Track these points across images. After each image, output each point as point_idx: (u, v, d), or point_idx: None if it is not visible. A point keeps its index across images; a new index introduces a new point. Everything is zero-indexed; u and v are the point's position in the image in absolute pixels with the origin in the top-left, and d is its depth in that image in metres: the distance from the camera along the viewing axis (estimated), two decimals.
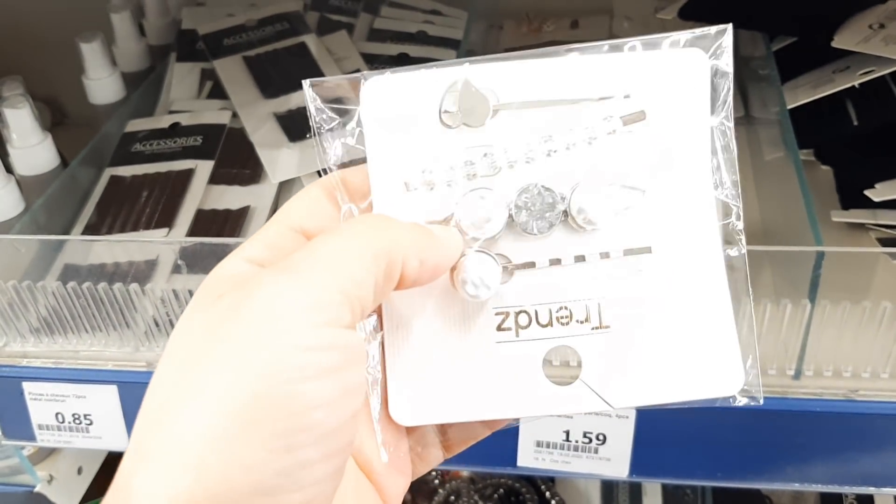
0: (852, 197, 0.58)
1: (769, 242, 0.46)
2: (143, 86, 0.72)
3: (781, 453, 0.49)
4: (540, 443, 0.51)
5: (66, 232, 0.59)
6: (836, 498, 0.73)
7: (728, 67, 0.29)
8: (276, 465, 0.21)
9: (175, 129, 0.65)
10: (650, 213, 0.29)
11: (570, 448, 0.51)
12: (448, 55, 0.72)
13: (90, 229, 0.58)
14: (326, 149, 0.29)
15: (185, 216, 0.58)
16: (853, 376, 0.48)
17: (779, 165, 0.56)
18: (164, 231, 0.57)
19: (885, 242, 0.54)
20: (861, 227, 0.56)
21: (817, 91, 0.60)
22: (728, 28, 0.28)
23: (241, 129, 0.64)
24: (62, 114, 0.86)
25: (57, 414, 0.55)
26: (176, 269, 0.52)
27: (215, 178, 0.61)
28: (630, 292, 0.29)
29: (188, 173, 0.61)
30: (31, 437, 0.56)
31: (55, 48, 0.77)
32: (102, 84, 0.71)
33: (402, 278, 0.26)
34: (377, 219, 0.27)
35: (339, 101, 0.29)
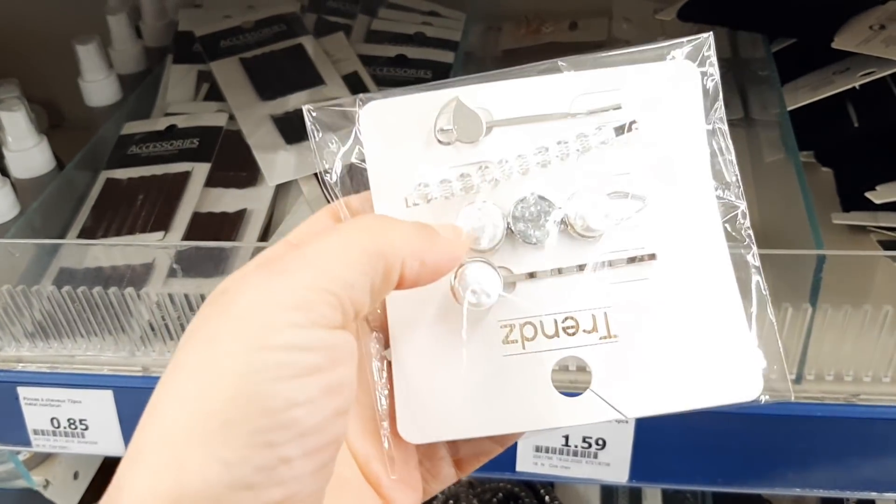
0: (853, 199, 0.57)
1: (769, 245, 0.46)
2: (140, 88, 0.72)
3: (782, 458, 0.49)
4: (539, 448, 0.51)
5: (62, 235, 0.58)
6: (838, 503, 0.73)
7: (714, 72, 0.29)
8: (255, 462, 0.22)
9: (171, 132, 0.65)
10: (652, 219, 0.29)
11: (569, 453, 0.50)
12: (446, 57, 0.72)
13: (86, 232, 0.58)
14: (327, 169, 0.30)
15: (182, 219, 0.57)
16: (855, 380, 0.47)
17: (779, 167, 0.56)
18: (161, 234, 0.56)
19: (885, 245, 0.54)
20: (862, 229, 0.55)
21: (817, 93, 0.60)
22: (709, 35, 0.29)
23: (237, 131, 0.63)
24: (59, 116, 0.86)
25: (52, 419, 0.55)
26: (172, 273, 0.52)
27: (212, 181, 0.60)
28: (637, 300, 0.29)
29: (185, 176, 0.61)
30: (27, 443, 0.56)
31: (52, 50, 0.76)
32: (99, 86, 0.71)
33: (403, 279, 0.26)
34: (374, 219, 0.27)
35: (337, 122, 0.30)
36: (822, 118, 0.61)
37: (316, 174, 0.59)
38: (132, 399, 0.53)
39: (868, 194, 0.55)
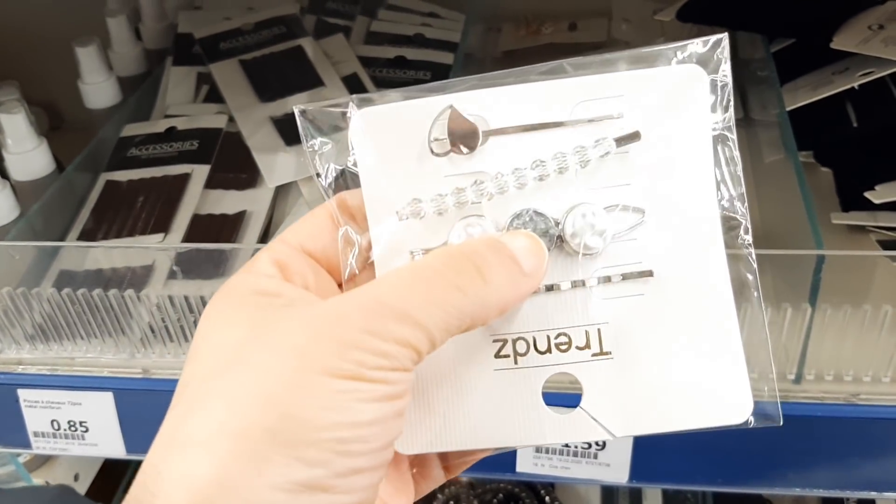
0: (852, 199, 0.57)
1: (769, 245, 0.46)
2: (140, 90, 0.72)
3: (782, 458, 0.49)
4: (539, 448, 0.51)
5: (62, 237, 0.58)
6: (838, 502, 0.73)
7: (727, 78, 0.28)
8: (335, 468, 0.23)
9: (171, 134, 0.65)
10: (651, 235, 0.28)
11: (569, 454, 0.50)
12: (446, 58, 0.72)
13: (86, 235, 0.58)
14: (320, 172, 0.30)
15: (182, 221, 0.57)
16: (854, 380, 0.47)
17: (778, 168, 0.56)
18: (161, 236, 0.56)
19: (885, 245, 0.54)
20: (861, 229, 0.55)
21: (817, 93, 0.60)
22: (724, 38, 0.28)
23: (237, 133, 0.63)
24: (59, 118, 0.86)
25: (52, 421, 0.55)
26: (172, 275, 0.52)
27: (212, 183, 0.60)
28: (631, 317, 0.28)
29: (184, 178, 0.61)
30: (27, 445, 0.56)
31: (51, 53, 0.76)
32: (98, 88, 0.71)
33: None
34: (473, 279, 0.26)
35: (331, 123, 0.29)
36: (821, 118, 0.61)
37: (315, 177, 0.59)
38: (132, 401, 0.53)
39: (867, 194, 0.55)
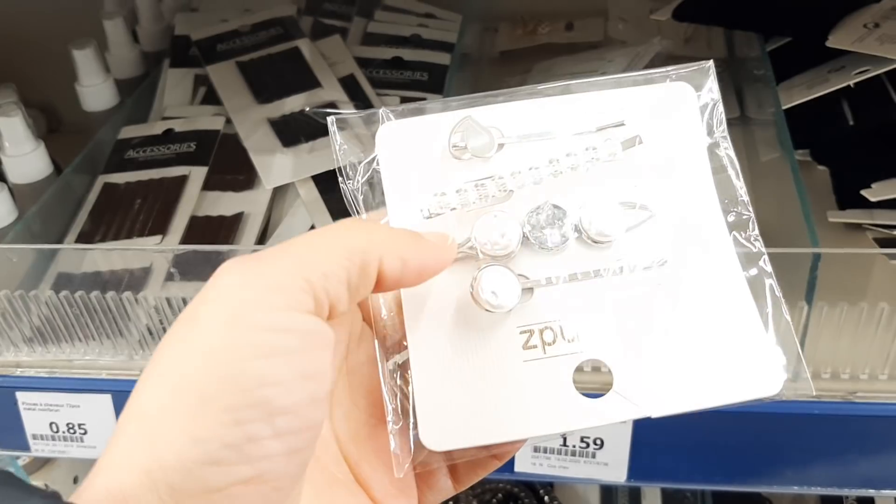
0: (849, 197, 0.57)
1: (765, 243, 0.46)
2: (137, 92, 0.72)
3: (780, 456, 0.49)
4: (537, 448, 0.51)
5: (60, 240, 0.58)
6: (837, 500, 0.73)
7: (716, 95, 0.32)
8: (224, 439, 0.22)
9: (169, 136, 0.65)
10: (662, 226, 0.30)
11: (567, 453, 0.50)
12: (443, 58, 0.72)
13: (84, 237, 0.58)
14: (350, 175, 0.31)
15: (179, 223, 0.58)
16: (851, 378, 0.47)
17: (774, 166, 0.56)
18: (158, 238, 0.56)
19: (881, 242, 0.54)
20: (858, 227, 0.56)
21: (812, 91, 0.60)
22: (710, 64, 0.32)
23: (234, 134, 0.64)
24: (56, 121, 0.86)
25: (51, 423, 0.55)
26: (169, 277, 0.52)
27: (209, 185, 0.61)
28: (652, 303, 0.29)
29: (182, 180, 0.61)
30: (25, 447, 0.56)
31: (48, 55, 0.76)
32: (96, 91, 0.70)
33: (383, 276, 0.26)
34: (356, 221, 0.29)
35: (358, 131, 0.32)
36: (817, 116, 0.61)
37: (313, 177, 0.59)
38: None
39: (864, 192, 0.56)
